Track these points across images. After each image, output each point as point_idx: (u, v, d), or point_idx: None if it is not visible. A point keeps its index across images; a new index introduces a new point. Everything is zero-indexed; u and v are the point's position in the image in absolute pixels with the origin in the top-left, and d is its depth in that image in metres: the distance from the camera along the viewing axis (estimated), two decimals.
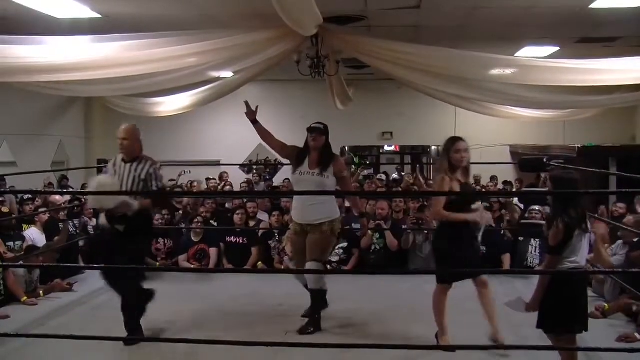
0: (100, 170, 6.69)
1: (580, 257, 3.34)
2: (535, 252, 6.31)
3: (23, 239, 6.19)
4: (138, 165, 4.33)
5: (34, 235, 6.40)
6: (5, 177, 8.77)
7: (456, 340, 4.10)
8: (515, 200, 7.84)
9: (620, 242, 5.33)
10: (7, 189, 8.34)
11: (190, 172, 9.68)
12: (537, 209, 6.52)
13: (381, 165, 15.27)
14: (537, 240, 6.31)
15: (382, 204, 6.59)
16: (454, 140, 4.10)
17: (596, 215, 6.19)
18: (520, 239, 6.50)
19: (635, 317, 4.68)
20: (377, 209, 6.60)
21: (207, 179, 9.84)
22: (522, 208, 7.54)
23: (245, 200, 7.47)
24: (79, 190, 10.49)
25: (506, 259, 6.41)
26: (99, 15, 6.61)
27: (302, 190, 4.71)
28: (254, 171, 11.48)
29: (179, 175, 9.64)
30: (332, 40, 6.42)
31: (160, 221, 6.97)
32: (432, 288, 4.13)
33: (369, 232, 6.39)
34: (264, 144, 4.94)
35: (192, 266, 6.62)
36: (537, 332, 3.47)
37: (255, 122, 4.78)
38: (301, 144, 4.71)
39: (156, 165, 4.39)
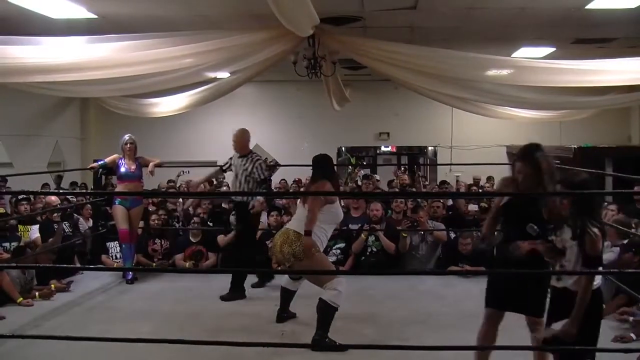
0: (96, 172, 6.66)
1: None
2: None
3: (19, 239, 6.18)
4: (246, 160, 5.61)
5: (37, 234, 6.44)
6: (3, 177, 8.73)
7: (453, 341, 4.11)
8: None
9: (608, 242, 5.32)
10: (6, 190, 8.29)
11: (189, 172, 9.67)
12: None
13: (378, 166, 15.27)
14: None
15: (375, 205, 6.48)
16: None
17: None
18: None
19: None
20: (370, 211, 6.51)
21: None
22: None
23: None
24: (77, 191, 10.50)
25: None
26: (95, 16, 6.59)
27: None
28: None
29: (178, 176, 9.61)
30: (328, 41, 6.43)
31: (156, 222, 6.96)
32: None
33: (362, 236, 6.38)
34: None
35: (187, 265, 6.59)
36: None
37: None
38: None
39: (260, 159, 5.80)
